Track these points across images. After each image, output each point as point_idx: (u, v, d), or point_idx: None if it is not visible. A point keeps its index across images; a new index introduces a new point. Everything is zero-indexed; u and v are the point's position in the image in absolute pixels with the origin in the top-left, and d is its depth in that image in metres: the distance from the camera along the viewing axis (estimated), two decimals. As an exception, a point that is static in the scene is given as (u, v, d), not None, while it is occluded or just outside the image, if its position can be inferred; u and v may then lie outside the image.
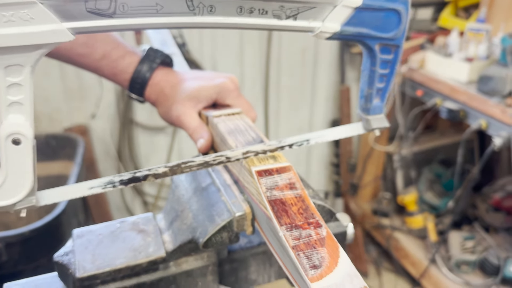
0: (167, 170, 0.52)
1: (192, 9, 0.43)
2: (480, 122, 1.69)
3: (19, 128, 0.42)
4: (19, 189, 0.45)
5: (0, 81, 0.40)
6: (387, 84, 0.56)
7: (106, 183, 0.50)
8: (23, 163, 0.44)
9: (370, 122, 0.59)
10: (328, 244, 0.44)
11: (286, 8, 0.46)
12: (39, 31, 0.39)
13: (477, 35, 1.83)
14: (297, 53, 2.23)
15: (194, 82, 0.70)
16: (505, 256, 1.99)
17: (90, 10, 0.40)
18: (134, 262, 0.55)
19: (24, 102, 0.41)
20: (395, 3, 0.50)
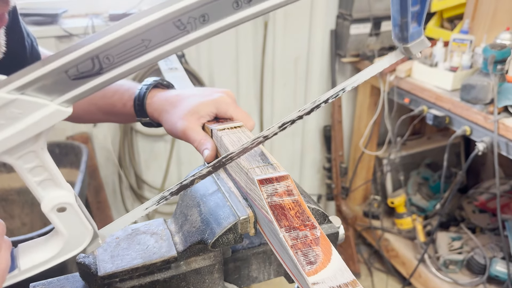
0: (210, 169, 0.57)
1: (183, 28, 0.38)
2: (465, 128, 1.75)
3: (57, 200, 0.43)
4: (82, 240, 0.48)
5: (21, 170, 0.40)
6: (423, 5, 0.51)
7: (159, 200, 0.54)
8: (76, 221, 0.46)
9: (410, 50, 0.55)
10: (322, 243, 0.50)
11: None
12: (33, 122, 0.37)
13: (461, 45, 1.91)
14: (290, 63, 2.29)
15: (194, 99, 0.75)
16: (491, 256, 2.06)
17: (74, 77, 0.37)
18: (150, 261, 0.61)
19: (50, 176, 0.42)
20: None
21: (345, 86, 0.56)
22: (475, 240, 2.18)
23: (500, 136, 1.61)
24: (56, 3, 1.87)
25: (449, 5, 2.16)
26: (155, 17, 0.37)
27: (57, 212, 0.44)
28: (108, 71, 0.37)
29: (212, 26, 0.39)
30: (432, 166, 2.59)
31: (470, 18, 2.01)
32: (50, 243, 0.48)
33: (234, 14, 0.39)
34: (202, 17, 0.38)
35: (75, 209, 0.45)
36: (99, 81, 0.38)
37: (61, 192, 0.43)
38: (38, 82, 0.36)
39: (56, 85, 0.36)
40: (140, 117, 0.79)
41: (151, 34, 0.37)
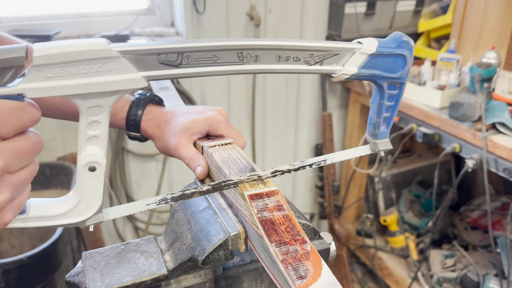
0: (209, 188, 0.60)
1: (241, 59, 0.51)
2: (454, 145, 1.77)
3: (95, 158, 0.48)
4: (90, 208, 0.51)
5: (83, 119, 0.46)
6: (392, 113, 0.65)
7: (160, 200, 0.58)
8: (96, 186, 0.50)
9: (378, 145, 0.67)
10: (312, 258, 0.50)
11: (315, 55, 0.54)
12: (120, 80, 0.45)
13: (448, 64, 1.95)
14: (281, 82, 2.31)
15: (187, 116, 0.76)
16: (484, 273, 2.05)
17: (161, 61, 0.47)
18: (140, 279, 0.61)
19: (100, 136, 0.48)
20: (402, 49, 0.59)
21: (326, 159, 0.67)
22: (468, 258, 2.18)
23: (489, 152, 1.63)
24: (48, 24, 1.88)
25: (436, 26, 2.22)
26: (229, 44, 0.49)
27: (87, 169, 0.49)
28: (184, 67, 0.48)
29: (260, 66, 0.52)
30: (423, 184, 2.60)
31: (457, 38, 2.06)
32: (62, 201, 0.52)
33: (275, 64, 0.53)
34: (256, 57, 0.52)
35: (101, 174, 0.50)
36: (174, 72, 0.48)
37: (100, 152, 0.49)
38: (137, 53, 0.45)
39: (146, 62, 0.46)
40: (130, 131, 0.79)
41: (221, 54, 0.49)
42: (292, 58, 0.54)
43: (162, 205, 0.58)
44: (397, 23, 2.34)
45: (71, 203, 0.51)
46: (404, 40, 0.59)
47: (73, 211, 0.51)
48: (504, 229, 2.12)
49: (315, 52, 0.54)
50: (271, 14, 2.14)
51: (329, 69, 0.57)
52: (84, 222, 0.52)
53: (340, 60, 0.57)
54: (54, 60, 0.42)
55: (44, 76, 0.42)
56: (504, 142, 1.58)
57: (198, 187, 0.58)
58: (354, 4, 2.16)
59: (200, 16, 1.97)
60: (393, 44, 0.59)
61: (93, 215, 0.52)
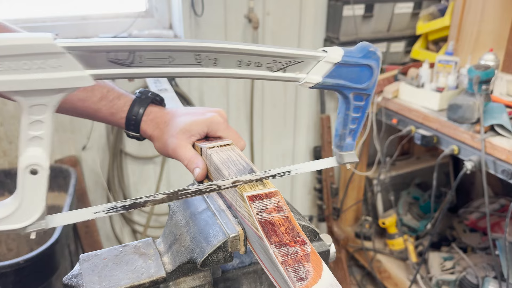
0: (164, 197, 0.57)
1: (199, 62, 0.49)
2: (452, 147, 1.77)
3: (37, 160, 0.46)
4: (31, 213, 0.48)
5: (24, 118, 0.44)
6: (358, 125, 0.64)
7: (109, 208, 0.54)
8: (38, 191, 0.48)
9: (343, 157, 0.67)
10: (312, 259, 0.50)
11: (278, 62, 0.53)
12: (65, 77, 0.43)
13: (446, 66, 1.95)
14: (280, 85, 2.31)
15: (186, 117, 0.76)
16: (483, 275, 2.05)
17: (111, 59, 0.44)
18: (138, 282, 0.60)
19: (43, 136, 0.45)
20: (368, 60, 0.58)
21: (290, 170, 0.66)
22: (467, 260, 2.17)
23: (487, 154, 1.63)
24: (46, 27, 1.88)
25: (434, 28, 2.22)
26: (186, 44, 0.47)
27: (29, 172, 0.46)
28: (136, 67, 0.46)
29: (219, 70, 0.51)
30: (422, 186, 2.60)
31: (455, 40, 2.07)
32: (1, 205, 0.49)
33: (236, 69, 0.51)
34: (215, 60, 0.49)
35: (44, 177, 0.47)
36: (125, 71, 0.46)
37: (43, 154, 0.46)
38: (84, 50, 0.43)
39: (95, 60, 0.44)
40: (129, 131, 0.79)
41: (177, 55, 0.47)
42: (253, 63, 0.52)
43: (112, 213, 0.54)
44: (395, 25, 2.34)
45: (10, 208, 0.48)
46: (371, 50, 0.58)
47: (13, 217, 0.48)
48: (503, 231, 2.12)
49: (278, 58, 0.53)
50: (269, 17, 2.14)
51: (292, 76, 0.55)
52: (25, 228, 0.49)
53: (304, 67, 0.55)
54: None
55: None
56: (503, 144, 1.58)
57: (152, 196, 0.56)
58: (352, 6, 2.16)
59: (198, 19, 1.97)
60: (359, 54, 0.58)
61: (35, 221, 0.49)
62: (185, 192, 0.58)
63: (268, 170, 0.64)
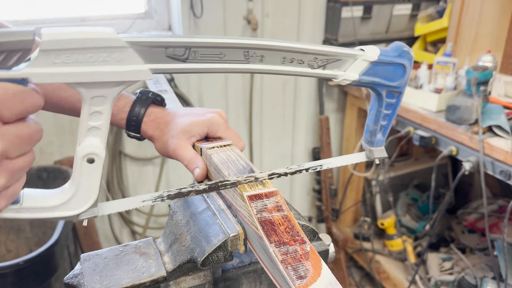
0: (206, 187, 0.59)
1: (247, 58, 0.51)
2: (451, 148, 1.78)
3: (94, 149, 0.48)
4: (85, 201, 0.50)
5: (85, 109, 0.46)
6: (389, 122, 0.66)
7: (156, 197, 0.57)
8: (93, 179, 0.49)
9: (373, 153, 0.68)
10: (311, 258, 0.50)
11: (319, 59, 0.55)
12: (127, 70, 0.45)
13: (445, 67, 1.96)
14: (278, 86, 2.32)
15: (187, 118, 0.76)
16: (482, 276, 2.05)
17: (168, 55, 0.47)
18: (139, 281, 0.60)
19: (101, 127, 0.47)
20: (402, 59, 0.60)
21: (322, 164, 0.68)
22: (465, 261, 2.18)
23: (485, 155, 1.64)
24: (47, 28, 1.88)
25: (432, 29, 2.23)
26: (236, 41, 0.50)
27: (86, 161, 0.48)
28: (190, 62, 0.48)
29: (265, 67, 0.53)
30: (420, 187, 2.61)
31: (453, 42, 2.08)
32: (57, 192, 0.51)
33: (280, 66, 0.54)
34: (261, 57, 0.52)
35: (100, 166, 0.49)
36: (181, 66, 0.48)
37: (100, 144, 0.48)
38: (145, 45, 0.45)
39: (153, 54, 0.46)
40: (130, 131, 0.79)
41: (228, 51, 0.50)
42: (296, 60, 0.54)
43: (158, 202, 0.57)
44: (393, 27, 2.35)
45: (67, 195, 0.50)
46: (405, 50, 0.60)
47: (68, 204, 0.50)
48: (501, 232, 2.13)
49: (319, 56, 0.55)
50: (268, 18, 2.15)
51: (331, 73, 0.57)
52: (78, 216, 0.51)
53: (342, 65, 0.57)
54: (62, 46, 0.41)
55: (50, 61, 0.41)
56: (501, 145, 1.59)
57: (194, 186, 0.58)
58: (350, 8, 2.17)
59: (197, 20, 1.98)
60: (394, 53, 0.60)
61: (88, 209, 0.51)
62: (225, 183, 0.60)
63: (301, 164, 0.66)
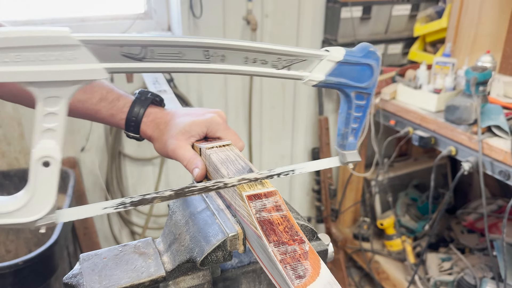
0: (172, 193, 0.58)
1: (207, 58, 0.50)
2: (450, 149, 1.78)
3: (50, 152, 0.46)
4: (42, 207, 0.49)
5: (39, 110, 0.45)
6: (360, 124, 0.66)
7: (118, 204, 0.55)
8: (49, 183, 0.48)
9: (346, 157, 0.69)
10: (310, 258, 0.50)
11: (282, 59, 0.55)
12: (80, 69, 0.44)
13: (444, 68, 1.96)
14: (278, 86, 2.32)
15: (186, 118, 0.76)
16: (481, 276, 2.05)
17: (124, 54, 0.46)
18: (138, 281, 0.60)
19: (57, 129, 0.46)
20: (368, 59, 0.60)
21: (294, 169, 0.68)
22: (464, 261, 2.18)
23: (484, 155, 1.64)
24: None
25: (431, 30, 2.23)
26: (195, 40, 0.49)
27: (41, 164, 0.47)
28: (147, 61, 0.47)
29: (226, 67, 0.52)
30: (419, 187, 2.61)
31: (452, 42, 2.08)
32: (12, 198, 0.49)
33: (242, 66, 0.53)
34: (222, 56, 0.51)
35: (56, 170, 0.47)
36: (137, 66, 0.47)
37: (56, 146, 0.47)
38: (98, 43, 0.44)
39: (108, 53, 0.45)
40: (129, 132, 0.79)
41: (187, 51, 0.49)
42: (259, 60, 0.54)
43: (120, 209, 0.55)
44: (392, 27, 2.35)
45: (21, 201, 0.48)
46: (371, 50, 0.60)
47: (24, 210, 0.48)
48: (500, 232, 2.13)
49: (282, 56, 0.55)
50: (267, 19, 2.15)
51: (296, 74, 0.57)
52: (35, 222, 0.49)
53: (308, 66, 0.57)
54: (11, 44, 0.41)
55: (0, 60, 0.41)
56: (500, 145, 1.59)
57: (159, 192, 0.57)
58: (350, 8, 2.17)
59: (197, 20, 1.98)
60: (360, 53, 0.60)
61: (46, 215, 0.49)
62: (191, 190, 0.59)
63: (272, 169, 0.65)
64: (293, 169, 0.67)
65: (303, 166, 0.68)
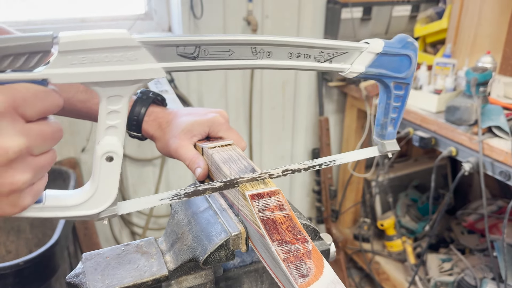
0: (222, 184, 0.60)
1: (255, 54, 0.53)
2: (450, 149, 1.78)
3: (113, 148, 0.49)
4: (105, 200, 0.51)
5: (102, 108, 0.47)
6: (399, 114, 0.67)
7: (173, 195, 0.57)
8: (112, 177, 0.50)
9: (385, 146, 0.68)
10: (314, 257, 0.50)
11: (325, 53, 0.56)
12: (141, 69, 0.46)
13: (444, 68, 1.97)
14: (278, 87, 2.32)
15: (188, 117, 0.76)
16: (481, 277, 2.05)
17: (180, 53, 0.48)
18: (140, 280, 0.60)
19: (119, 126, 0.49)
20: (407, 50, 0.61)
21: (335, 159, 0.68)
22: (465, 261, 2.18)
23: (485, 156, 1.64)
24: (45, 29, 1.88)
25: (432, 31, 2.24)
26: (243, 38, 0.51)
27: (105, 159, 0.49)
28: (200, 60, 0.50)
29: (273, 62, 0.54)
30: (420, 188, 2.61)
31: (452, 43, 2.08)
32: (79, 191, 0.51)
33: (287, 61, 0.55)
34: (268, 52, 0.53)
35: (118, 164, 0.50)
36: (192, 64, 0.49)
37: (118, 142, 0.49)
38: (156, 44, 0.46)
39: (165, 53, 0.47)
40: (131, 131, 0.79)
41: (236, 48, 0.51)
42: (303, 55, 0.55)
43: (176, 200, 0.58)
44: (393, 28, 2.36)
45: (87, 194, 0.51)
46: (409, 41, 0.61)
47: (89, 202, 0.51)
48: (500, 233, 2.13)
49: (325, 49, 0.56)
50: (268, 20, 2.15)
51: (338, 67, 0.58)
52: (98, 214, 0.52)
53: (348, 58, 0.58)
54: (78, 47, 0.43)
55: (68, 62, 0.43)
56: (500, 146, 1.59)
57: (210, 184, 0.59)
58: (350, 9, 2.17)
59: (197, 21, 1.98)
60: (399, 45, 0.60)
61: (108, 207, 0.52)
62: (240, 180, 0.61)
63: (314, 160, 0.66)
64: (333, 159, 0.68)
65: (343, 157, 0.69)
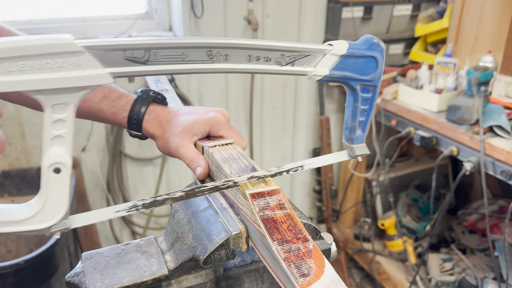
0: (183, 194, 0.58)
1: (211, 58, 0.50)
2: (451, 149, 1.77)
3: (60, 159, 0.47)
4: (55, 213, 0.49)
5: (47, 118, 0.45)
6: (367, 117, 0.66)
7: (130, 207, 0.55)
8: (61, 190, 0.48)
9: (354, 150, 0.68)
10: (314, 256, 0.50)
11: (286, 56, 0.54)
12: (85, 75, 0.44)
13: (445, 68, 1.96)
14: (279, 87, 2.32)
15: (189, 116, 0.76)
16: (482, 277, 2.05)
17: (127, 58, 0.46)
18: (140, 280, 0.60)
19: (65, 135, 0.46)
20: (373, 51, 0.59)
21: (303, 164, 0.67)
22: (466, 261, 2.17)
23: (486, 155, 1.64)
24: (45, 29, 1.88)
25: (433, 30, 2.23)
26: (197, 41, 0.49)
27: (52, 171, 0.47)
28: (151, 64, 0.47)
29: (230, 66, 0.52)
30: (420, 188, 2.60)
31: (453, 42, 2.08)
32: (26, 205, 0.49)
33: (246, 64, 0.52)
34: (225, 56, 0.51)
35: (67, 176, 0.48)
36: (141, 69, 0.47)
37: (66, 153, 0.47)
38: (101, 49, 0.44)
39: (112, 58, 0.45)
40: (131, 130, 0.79)
41: (190, 51, 0.49)
42: (262, 58, 0.53)
43: (133, 212, 0.55)
44: (394, 27, 2.35)
45: (35, 208, 0.48)
46: (375, 42, 0.59)
47: (37, 217, 0.48)
48: (501, 233, 2.13)
49: (286, 52, 0.54)
50: (268, 19, 2.15)
51: (300, 70, 0.56)
52: (49, 228, 0.49)
53: (311, 61, 0.56)
54: (16, 53, 0.41)
55: (5, 70, 0.41)
56: (502, 145, 1.59)
57: (170, 194, 0.57)
58: (351, 8, 2.17)
59: (198, 20, 1.98)
60: (364, 46, 0.59)
61: (59, 221, 0.49)
62: (202, 190, 0.59)
63: (281, 166, 0.64)
64: (302, 165, 0.66)
65: (312, 162, 0.68)
